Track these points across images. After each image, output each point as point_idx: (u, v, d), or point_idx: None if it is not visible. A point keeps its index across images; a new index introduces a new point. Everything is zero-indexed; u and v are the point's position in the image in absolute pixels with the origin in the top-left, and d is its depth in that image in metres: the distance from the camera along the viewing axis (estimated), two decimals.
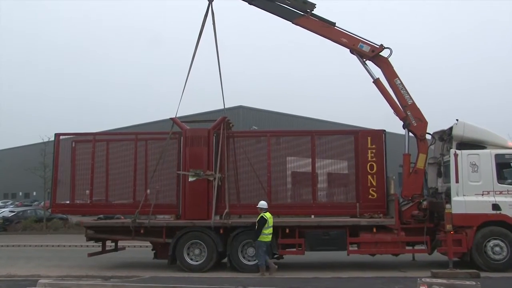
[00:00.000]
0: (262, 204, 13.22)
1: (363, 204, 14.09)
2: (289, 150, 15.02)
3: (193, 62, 15.07)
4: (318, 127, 44.58)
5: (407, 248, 13.76)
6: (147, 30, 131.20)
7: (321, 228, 13.73)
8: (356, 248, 13.85)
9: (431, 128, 14.54)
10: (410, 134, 14.33)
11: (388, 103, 14.45)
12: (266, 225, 12.88)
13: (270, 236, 12.99)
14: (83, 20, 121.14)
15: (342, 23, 14.84)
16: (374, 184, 14.13)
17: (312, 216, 15.82)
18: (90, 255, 15.09)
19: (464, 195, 13.08)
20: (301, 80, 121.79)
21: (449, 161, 13.56)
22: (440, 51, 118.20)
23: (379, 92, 14.54)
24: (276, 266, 12.99)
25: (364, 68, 14.75)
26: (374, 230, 13.55)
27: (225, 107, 15.58)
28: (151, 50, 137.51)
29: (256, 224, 12.91)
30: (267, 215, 12.99)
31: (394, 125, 15.42)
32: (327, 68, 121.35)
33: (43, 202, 38.23)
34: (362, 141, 14.37)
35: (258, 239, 12.83)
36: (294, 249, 13.84)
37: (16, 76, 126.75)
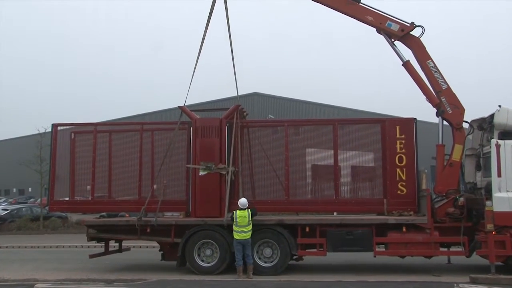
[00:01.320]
0: (240, 202, 13.60)
1: (391, 200, 14.11)
2: (309, 141, 15.07)
3: (203, 44, 15.17)
4: (341, 115, 44.43)
5: (441, 249, 13.71)
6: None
7: (345, 227, 13.79)
8: (383, 249, 13.88)
9: (469, 116, 14.43)
10: (445, 122, 14.21)
11: (420, 88, 14.37)
12: (235, 223, 13.32)
13: (242, 235, 13.27)
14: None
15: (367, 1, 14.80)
16: (404, 178, 14.13)
17: (335, 214, 15.89)
18: (92, 256, 15.36)
19: (507, 191, 12.90)
20: (321, 63, 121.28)
21: (489, 152, 13.40)
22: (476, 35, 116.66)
23: (410, 76, 14.48)
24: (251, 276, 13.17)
25: (392, 50, 14.69)
26: (404, 229, 13.56)
27: (239, 94, 15.65)
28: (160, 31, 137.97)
29: None
30: (239, 213, 13.38)
31: (426, 112, 15.37)
32: (351, 49, 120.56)
33: (39, 199, 38.72)
34: (390, 130, 14.36)
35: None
36: (315, 250, 13.94)
37: (10, 63, 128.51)
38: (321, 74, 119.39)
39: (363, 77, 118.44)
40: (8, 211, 34.41)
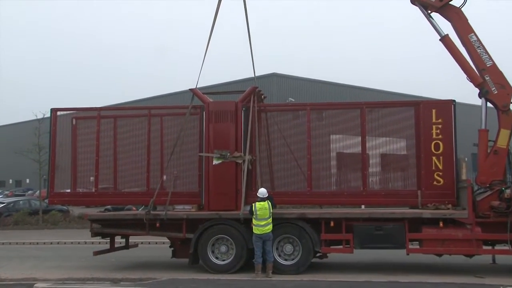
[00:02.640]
0: (258, 191, 13.65)
1: (427, 192, 14.04)
2: (333, 126, 15.06)
3: (216, 19, 15.18)
4: (370, 98, 44.16)
5: (485, 248, 13.59)
6: None
7: (374, 221, 13.78)
8: (417, 247, 13.84)
9: None
10: (489, 104, 14.04)
11: (460, 66, 14.19)
12: (254, 216, 13.31)
13: (263, 229, 13.30)
14: None
15: None
16: (440, 167, 14.04)
17: (362, 207, 15.88)
18: (96, 253, 15.55)
19: None
20: (347, 40, 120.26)
21: None
22: None
23: (449, 53, 14.31)
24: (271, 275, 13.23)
25: (429, 23, 14.53)
26: (441, 224, 13.49)
27: (256, 75, 15.65)
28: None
29: None
30: (259, 205, 13.40)
31: (467, 93, 15.20)
32: (381, 24, 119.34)
33: (38, 191, 39.10)
34: (425, 114, 14.25)
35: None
36: (341, 247, 13.97)
37: (6, 41, 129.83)
38: (346, 54, 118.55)
39: (393, 58, 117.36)
40: (4, 204, 34.67)
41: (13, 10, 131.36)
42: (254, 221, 13.42)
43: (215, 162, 14.63)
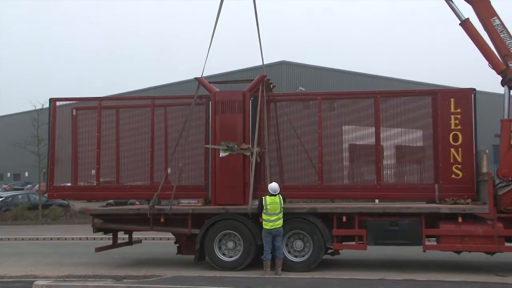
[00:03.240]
0: (269, 186, 13.66)
1: (444, 185, 14.00)
2: (346, 117, 15.08)
3: (222, 5, 15.17)
4: (384, 87, 44.03)
5: (507, 245, 13.51)
6: None
7: (388, 216, 13.76)
8: (434, 243, 13.84)
9: None
10: None
11: (481, 52, 14.07)
12: (264, 211, 13.35)
13: (274, 224, 13.31)
14: None
15: None
16: (459, 160, 13.99)
17: (376, 201, 15.87)
18: (98, 249, 15.66)
19: None
20: (361, 25, 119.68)
21: None
22: None
23: (469, 38, 14.20)
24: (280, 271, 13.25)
25: (448, 6, 14.43)
26: (460, 219, 13.41)
27: (264, 63, 15.64)
28: None
29: None
30: (269, 199, 13.42)
31: (489, 81, 15.10)
32: (396, 8, 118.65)
33: (37, 185, 39.33)
34: (443, 103, 14.19)
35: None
36: (353, 243, 13.97)
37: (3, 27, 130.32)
38: (360, 41, 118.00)
39: (409, 44, 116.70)
40: (2, 198, 34.88)
41: None
42: (264, 216, 13.44)
43: (222, 154, 14.65)
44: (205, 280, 12.40)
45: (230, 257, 14.20)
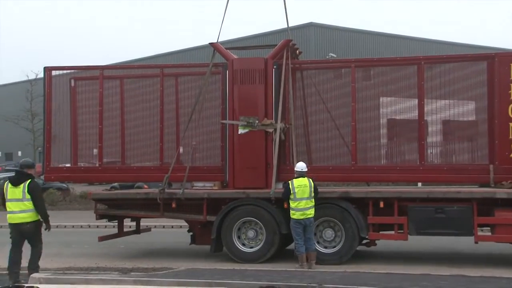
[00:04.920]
0: (296, 165, 13.55)
1: (501, 166, 13.79)
2: (384, 87, 15.01)
3: None
4: (429, 51, 43.54)
5: None
6: None
7: (434, 202, 13.71)
8: (488, 234, 13.79)
9: None
10: None
11: None
12: (292, 197, 13.19)
13: (305, 213, 13.20)
14: None
15: None
16: None
17: (419, 184, 15.84)
18: (102, 239, 15.88)
19: None
20: None
21: None
22: None
23: None
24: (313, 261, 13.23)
25: None
26: None
27: (290, 25, 15.57)
28: None
29: None
30: (297, 181, 13.27)
31: None
32: None
33: None
34: (500, 69, 13.92)
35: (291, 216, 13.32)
36: (392, 232, 13.99)
37: None
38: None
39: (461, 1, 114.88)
40: None
41: None
42: (291, 203, 13.31)
43: (241, 131, 14.68)
44: (222, 274, 12.47)
45: (251, 247, 14.32)
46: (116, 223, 16.42)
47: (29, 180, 12.02)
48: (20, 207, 12.14)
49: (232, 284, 11.15)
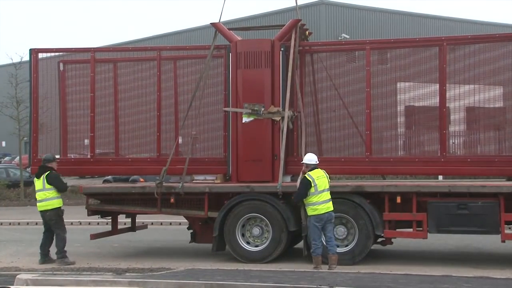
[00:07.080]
0: (308, 158, 13.35)
1: None
2: (402, 71, 14.97)
3: None
4: (452, 31, 43.42)
5: None
6: None
7: (456, 197, 13.69)
8: None
9: None
10: None
11: None
12: (313, 190, 13.08)
13: (324, 206, 13.09)
14: None
15: None
16: None
17: (440, 178, 15.84)
18: (94, 237, 15.97)
19: None
20: None
21: None
22: None
23: None
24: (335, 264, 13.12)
25: None
26: None
27: (298, 3, 15.58)
28: None
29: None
30: (315, 173, 13.14)
31: None
32: None
33: (18, 157, 39.86)
34: None
35: (308, 213, 13.15)
36: (410, 230, 13.98)
37: None
38: None
39: None
40: None
41: None
42: (313, 198, 13.06)
43: (245, 119, 14.71)
44: (225, 275, 12.48)
45: (256, 246, 14.38)
46: (110, 220, 16.42)
47: (47, 172, 14.45)
48: (41, 197, 14.63)
49: (235, 286, 11.16)
